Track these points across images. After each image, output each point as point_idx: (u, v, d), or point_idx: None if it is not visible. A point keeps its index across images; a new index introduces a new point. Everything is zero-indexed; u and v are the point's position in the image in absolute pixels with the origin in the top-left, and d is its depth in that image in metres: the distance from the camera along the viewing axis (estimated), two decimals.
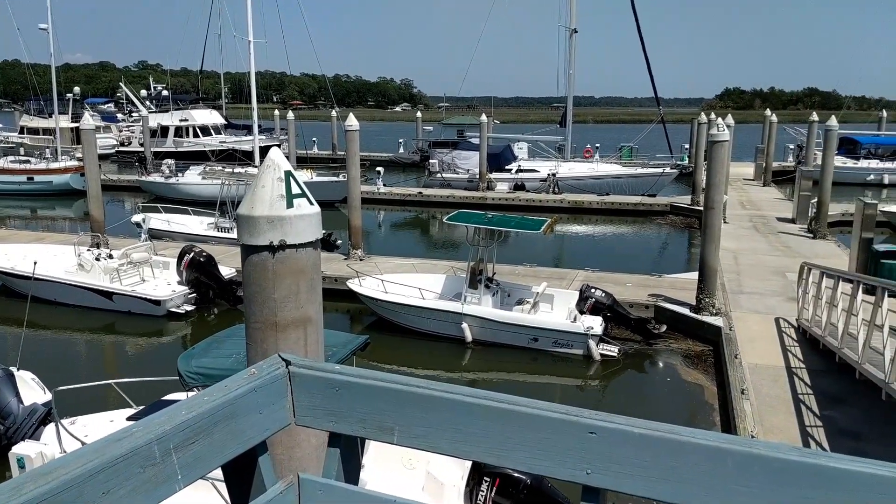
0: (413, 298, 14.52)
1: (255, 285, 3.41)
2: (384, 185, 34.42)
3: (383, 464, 7.24)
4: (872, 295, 9.71)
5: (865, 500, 1.35)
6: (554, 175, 33.63)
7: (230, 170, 28.45)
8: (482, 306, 14.15)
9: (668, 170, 34.27)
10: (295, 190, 3.35)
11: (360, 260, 18.73)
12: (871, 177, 39.20)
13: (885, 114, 52.57)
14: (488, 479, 6.64)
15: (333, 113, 51.53)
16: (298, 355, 3.52)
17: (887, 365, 8.43)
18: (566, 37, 36.38)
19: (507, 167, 35.45)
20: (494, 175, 34.49)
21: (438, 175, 36.07)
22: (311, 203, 3.41)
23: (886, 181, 38.52)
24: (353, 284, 15.36)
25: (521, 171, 35.19)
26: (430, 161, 37.03)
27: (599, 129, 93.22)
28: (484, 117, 34.27)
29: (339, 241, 20.99)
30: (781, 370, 11.77)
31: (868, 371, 9.19)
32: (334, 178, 30.36)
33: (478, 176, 34.17)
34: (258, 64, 29.57)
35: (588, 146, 44.63)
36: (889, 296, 9.47)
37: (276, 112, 55.64)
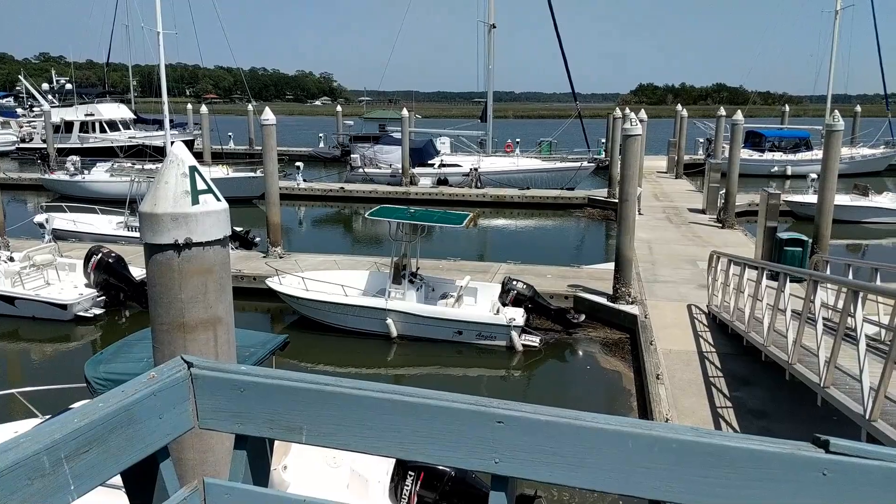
0: (335, 295, 14.34)
1: (160, 286, 3.27)
2: (304, 180, 33.87)
3: (307, 463, 7.12)
4: (776, 280, 10.26)
5: (755, 475, 1.40)
6: (476, 170, 33.92)
7: (140, 166, 27.28)
8: (406, 301, 14.13)
9: (585, 164, 35.14)
10: (200, 186, 3.23)
11: (280, 257, 18.36)
12: (776, 168, 41.38)
13: (787, 108, 55.63)
14: (412, 474, 6.64)
15: (250, 107, 50.34)
16: (209, 357, 3.40)
17: (790, 347, 8.90)
18: (485, 32, 36.74)
19: (429, 162, 35.51)
20: (417, 170, 34.47)
21: (360, 170, 35.77)
22: (219, 199, 3.30)
23: (789, 172, 40.74)
24: (273, 283, 15.03)
25: (444, 165, 35.34)
26: (352, 156, 36.68)
27: (519, 123, 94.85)
28: (405, 112, 34.18)
29: (258, 239, 20.53)
30: (693, 355, 12.29)
31: (773, 353, 9.68)
32: (251, 174, 29.63)
33: (400, 171, 34.07)
34: (169, 56, 28.49)
35: (509, 141, 45.24)
36: (791, 281, 10.02)
37: (189, 106, 53.77)
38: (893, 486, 1.32)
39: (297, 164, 34.53)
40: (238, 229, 20.61)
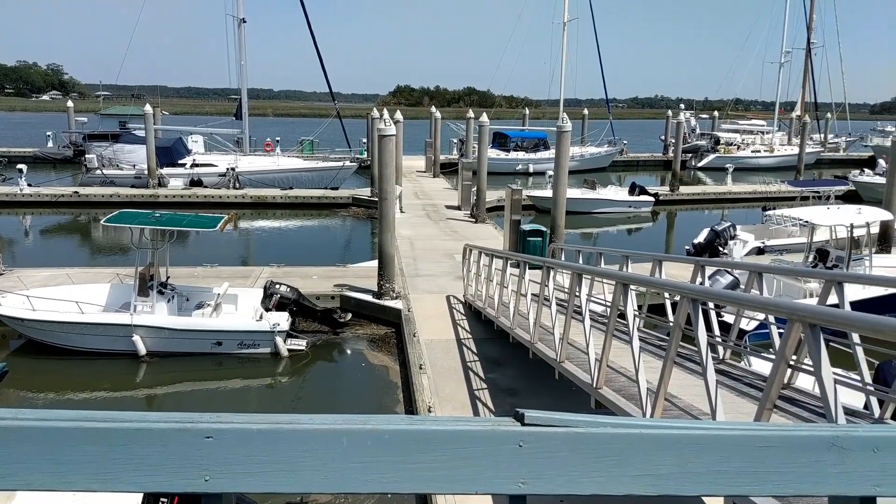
0: (69, 314, 12.75)
1: None
2: (29, 184, 29.82)
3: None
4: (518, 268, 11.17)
5: (462, 454, 1.46)
6: (233, 169, 32.51)
7: None
8: (156, 315, 13.02)
9: (347, 163, 35.39)
10: None
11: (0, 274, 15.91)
12: (520, 166, 45.24)
13: (527, 111, 61.10)
14: (165, 500, 6.12)
15: None
16: None
17: (532, 327, 9.76)
18: (234, 26, 35.29)
19: (180, 161, 33.27)
20: (166, 170, 32.12)
21: (98, 172, 32.36)
22: None
23: (531, 170, 44.76)
24: None
25: (197, 165, 33.34)
26: (87, 156, 32.99)
27: (279, 122, 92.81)
28: (149, 107, 31.63)
29: None
30: (453, 342, 12.97)
31: (518, 335, 10.55)
32: None
33: (146, 172, 31.45)
34: None
35: (268, 139, 44.01)
36: (531, 268, 10.99)
37: None
38: (576, 448, 1.45)
39: (20, 166, 30.28)
40: None
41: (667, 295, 9.19)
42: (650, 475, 1.45)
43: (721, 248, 20.23)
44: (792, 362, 5.90)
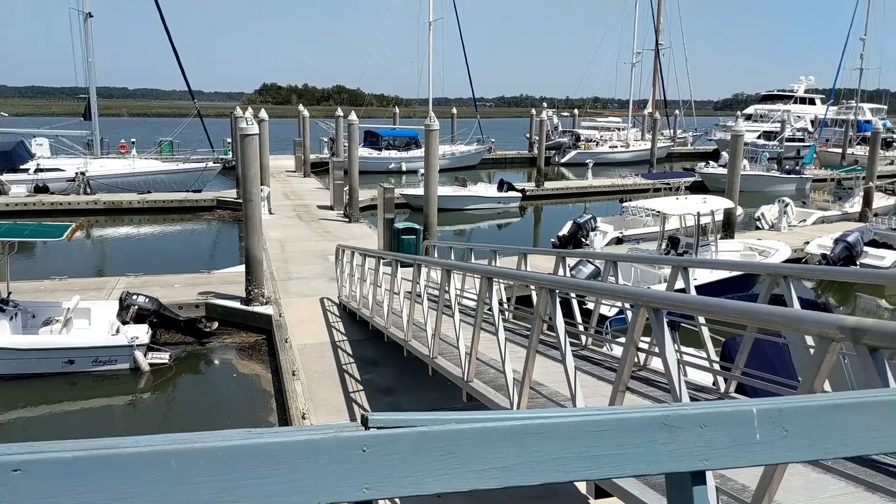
0: None
1: None
2: None
3: None
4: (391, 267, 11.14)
5: (302, 465, 1.40)
6: (83, 174, 30.25)
7: None
8: None
9: (210, 164, 33.95)
10: None
11: None
12: (392, 165, 45.29)
13: (398, 110, 61.26)
14: None
15: None
16: None
17: (405, 325, 9.77)
18: (80, 21, 32.80)
19: (22, 167, 30.56)
20: (6, 177, 29.43)
21: None
22: None
23: (404, 168, 44.94)
24: None
25: (42, 170, 30.75)
26: None
27: (136, 122, 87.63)
28: None
29: None
30: (327, 346, 12.75)
31: (392, 333, 10.52)
32: None
33: None
34: None
35: (123, 141, 41.30)
36: (402, 266, 11.00)
37: None
38: (421, 447, 1.43)
39: None
40: None
41: (532, 286, 9.50)
42: (494, 468, 1.45)
43: (584, 240, 21.29)
44: (645, 345, 6.28)
